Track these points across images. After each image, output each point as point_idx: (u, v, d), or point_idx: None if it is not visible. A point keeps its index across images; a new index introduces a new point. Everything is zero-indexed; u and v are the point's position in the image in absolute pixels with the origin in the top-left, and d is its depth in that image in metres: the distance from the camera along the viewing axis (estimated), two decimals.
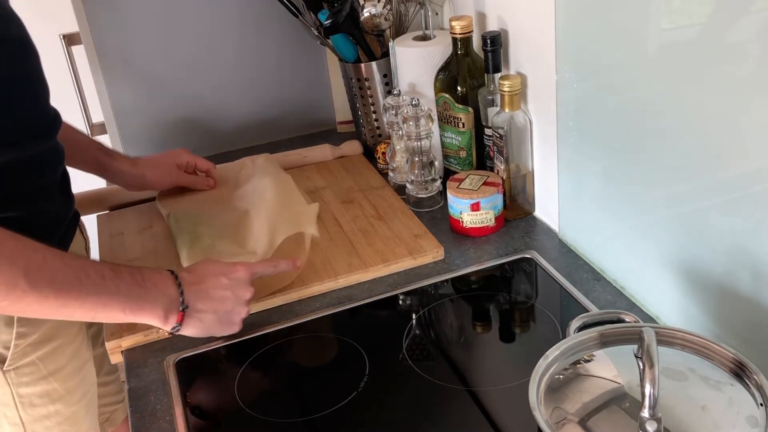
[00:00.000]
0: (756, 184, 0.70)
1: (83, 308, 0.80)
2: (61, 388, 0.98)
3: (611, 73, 0.88)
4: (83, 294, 0.80)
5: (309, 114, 1.58)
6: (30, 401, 0.96)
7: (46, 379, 0.96)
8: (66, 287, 0.78)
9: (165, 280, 0.87)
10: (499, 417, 0.80)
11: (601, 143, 0.93)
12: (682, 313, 0.85)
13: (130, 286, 0.83)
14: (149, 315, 0.85)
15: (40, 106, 0.93)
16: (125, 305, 0.83)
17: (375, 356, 0.90)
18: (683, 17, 0.75)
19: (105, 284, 0.81)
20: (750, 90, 0.68)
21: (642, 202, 0.89)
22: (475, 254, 1.08)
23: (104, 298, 0.81)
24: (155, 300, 0.85)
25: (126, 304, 0.83)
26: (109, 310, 0.82)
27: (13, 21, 0.88)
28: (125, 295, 0.83)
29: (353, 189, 1.28)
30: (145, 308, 0.84)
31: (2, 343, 0.91)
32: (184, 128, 1.51)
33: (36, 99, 0.92)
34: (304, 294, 1.02)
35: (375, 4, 1.24)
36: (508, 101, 1.05)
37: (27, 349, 0.93)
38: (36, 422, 0.98)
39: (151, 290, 0.85)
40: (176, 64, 1.45)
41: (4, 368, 0.93)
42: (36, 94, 0.92)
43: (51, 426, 0.99)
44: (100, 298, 0.81)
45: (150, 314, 0.85)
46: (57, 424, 1.00)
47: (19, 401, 0.95)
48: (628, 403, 0.63)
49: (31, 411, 0.97)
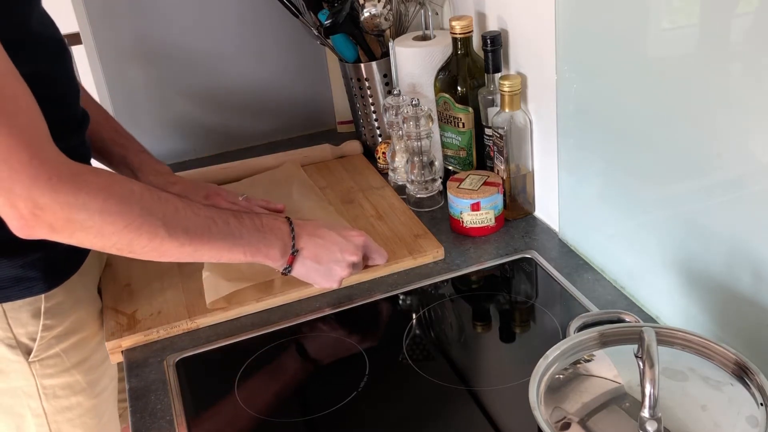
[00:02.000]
0: (756, 184, 0.70)
1: (211, 252, 0.88)
2: (83, 381, 1.00)
3: (611, 73, 0.88)
4: (212, 240, 0.87)
5: (309, 114, 1.58)
6: (53, 392, 0.98)
7: (69, 371, 0.98)
8: (198, 233, 0.85)
9: (281, 226, 0.94)
10: (499, 417, 0.80)
11: (601, 143, 0.93)
12: (682, 313, 0.85)
13: (251, 231, 0.91)
14: (265, 257, 0.92)
15: (71, 105, 0.94)
16: (246, 248, 0.90)
17: (375, 356, 0.90)
18: (683, 17, 0.75)
19: (230, 230, 0.89)
20: (750, 89, 0.68)
21: (642, 201, 0.89)
22: (475, 254, 1.08)
23: (229, 242, 0.88)
24: (271, 244, 0.92)
25: (247, 248, 0.90)
26: (232, 253, 0.89)
27: (51, 23, 0.92)
28: (247, 240, 0.90)
29: (353, 189, 1.28)
30: (262, 251, 0.91)
31: (28, 334, 0.93)
32: (185, 128, 1.51)
33: (66, 98, 0.93)
34: (304, 294, 1.02)
35: (375, 4, 1.24)
36: (508, 101, 1.05)
37: (52, 341, 0.95)
38: (58, 414, 0.99)
39: (268, 235, 0.92)
40: (176, 64, 1.45)
41: (30, 359, 0.94)
42: (66, 94, 0.93)
43: (72, 418, 1.01)
44: (226, 243, 0.88)
45: (266, 256, 0.92)
46: (78, 416, 1.01)
47: (43, 392, 0.97)
48: (628, 403, 0.63)
49: (54, 402, 0.98)
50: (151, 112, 1.48)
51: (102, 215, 0.77)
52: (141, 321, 0.99)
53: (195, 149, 1.52)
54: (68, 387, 0.99)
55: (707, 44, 0.72)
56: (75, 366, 0.98)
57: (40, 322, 0.93)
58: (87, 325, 0.99)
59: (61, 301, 0.95)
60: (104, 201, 0.77)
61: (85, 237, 0.78)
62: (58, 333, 0.95)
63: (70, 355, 0.97)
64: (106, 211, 0.78)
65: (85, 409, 1.01)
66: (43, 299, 0.93)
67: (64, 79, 0.92)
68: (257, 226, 0.92)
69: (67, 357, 0.97)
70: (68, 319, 0.96)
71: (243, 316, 1.00)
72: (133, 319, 0.99)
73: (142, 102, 1.47)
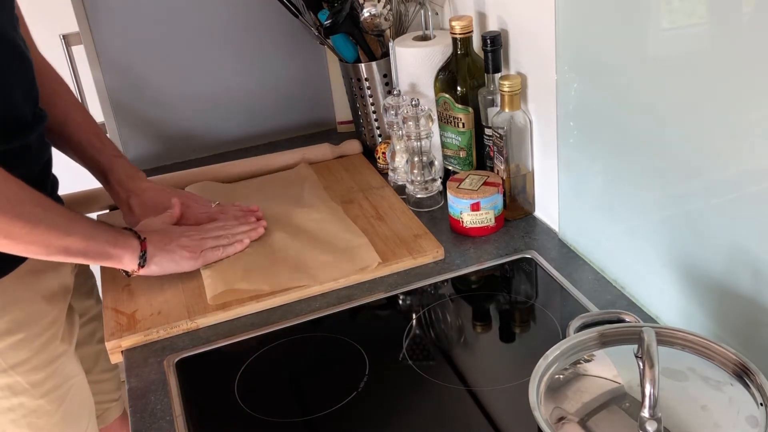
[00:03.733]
0: (756, 184, 0.70)
1: (47, 233, 0.89)
2: (24, 381, 0.99)
3: (611, 73, 0.88)
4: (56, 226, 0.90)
5: (309, 114, 1.58)
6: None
7: (6, 372, 0.97)
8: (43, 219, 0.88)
9: (131, 242, 0.99)
10: (499, 417, 0.80)
11: (601, 143, 0.93)
12: (682, 313, 0.85)
13: (104, 233, 0.96)
14: (110, 258, 0.98)
15: (18, 107, 0.94)
16: (90, 242, 0.94)
17: (375, 356, 0.90)
18: (683, 17, 0.75)
19: (83, 227, 0.94)
20: (750, 89, 0.68)
21: (642, 201, 0.89)
22: (475, 254, 1.08)
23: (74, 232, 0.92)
24: (120, 246, 0.99)
25: (90, 242, 0.94)
26: (69, 238, 0.92)
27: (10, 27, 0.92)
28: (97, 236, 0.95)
29: (353, 189, 1.28)
30: (108, 251, 0.97)
31: None
32: (184, 128, 1.51)
33: (11, 100, 0.93)
34: (304, 294, 1.02)
35: (375, 4, 1.24)
36: (508, 101, 1.05)
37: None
38: (1, 415, 0.99)
39: (120, 239, 0.98)
40: (176, 64, 1.45)
41: None
42: (10, 96, 0.93)
43: (16, 418, 1.00)
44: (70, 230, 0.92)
45: (110, 257, 0.98)
46: (22, 416, 1.01)
47: None
48: (628, 403, 0.63)
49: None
50: (151, 112, 1.48)
51: None
52: (141, 321, 0.99)
53: (195, 149, 1.52)
54: (7, 388, 0.98)
55: (707, 44, 0.72)
56: (13, 367, 0.98)
57: None
58: (27, 326, 0.99)
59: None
60: None
61: None
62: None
63: (7, 356, 0.97)
64: None
65: (28, 409, 1.01)
66: None
67: (9, 82, 0.93)
68: (112, 235, 0.96)
69: (3, 358, 0.97)
70: (2, 319, 0.95)
71: (243, 316, 1.00)
72: (133, 319, 0.99)
73: (141, 102, 1.47)
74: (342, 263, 1.05)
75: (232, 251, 1.07)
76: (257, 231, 1.11)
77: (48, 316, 1.02)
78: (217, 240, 1.07)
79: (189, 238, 1.05)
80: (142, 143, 1.49)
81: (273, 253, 1.08)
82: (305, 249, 1.09)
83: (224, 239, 1.08)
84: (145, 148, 1.48)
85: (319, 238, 1.11)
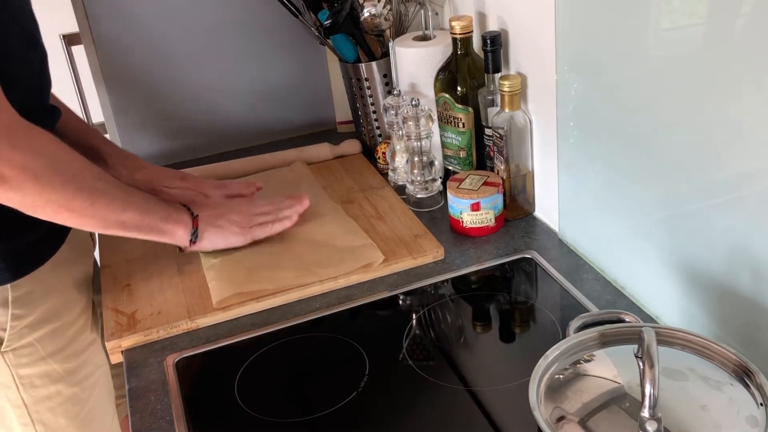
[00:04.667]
0: (756, 184, 0.70)
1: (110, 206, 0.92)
2: (60, 369, 1.00)
3: (611, 73, 0.88)
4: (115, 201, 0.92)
5: (309, 114, 1.58)
6: (30, 382, 0.98)
7: (45, 360, 0.98)
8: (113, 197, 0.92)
9: (184, 216, 1.02)
10: (499, 417, 0.80)
11: (601, 143, 0.93)
12: (682, 313, 0.85)
13: (157, 208, 0.99)
14: (162, 232, 1.00)
15: (41, 96, 0.96)
16: (145, 216, 0.96)
17: (375, 356, 0.90)
18: (683, 17, 0.75)
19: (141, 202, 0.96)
20: (750, 89, 0.68)
21: (642, 201, 0.89)
22: (475, 254, 1.08)
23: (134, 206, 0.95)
24: (175, 221, 1.01)
25: (146, 216, 0.96)
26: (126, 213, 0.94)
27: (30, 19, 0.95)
28: (152, 211, 0.98)
29: (353, 189, 1.28)
30: (160, 226, 0.99)
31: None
32: (184, 128, 1.51)
33: (34, 87, 0.95)
34: (304, 294, 1.02)
35: (375, 4, 1.24)
36: (508, 101, 1.05)
37: (23, 331, 0.96)
38: (38, 403, 1.00)
39: (173, 213, 1.01)
40: (176, 64, 1.45)
41: (2, 350, 0.95)
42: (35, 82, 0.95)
43: (53, 406, 1.01)
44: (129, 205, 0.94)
45: (163, 232, 1.00)
46: (59, 404, 1.01)
47: (20, 382, 0.98)
48: (628, 403, 0.63)
49: (32, 392, 0.99)
50: (151, 112, 1.48)
51: (54, 163, 0.83)
52: (141, 321, 0.99)
53: (195, 149, 1.52)
54: (45, 376, 0.99)
55: (707, 44, 0.72)
56: (51, 355, 0.99)
57: (9, 312, 0.94)
58: (61, 314, 1.00)
59: (30, 291, 0.95)
60: (55, 150, 0.84)
61: (32, 188, 0.82)
62: (29, 323, 0.96)
63: (45, 345, 0.98)
64: (58, 158, 0.84)
65: (65, 397, 1.02)
66: (9, 289, 0.93)
67: (35, 69, 0.95)
68: (166, 211, 0.99)
69: (42, 346, 0.98)
70: (39, 308, 0.97)
71: (243, 316, 1.00)
72: (133, 319, 0.99)
73: (141, 102, 1.47)
74: (345, 261, 1.05)
75: (280, 228, 1.09)
76: (303, 204, 1.12)
77: (79, 305, 1.04)
78: (265, 216, 1.08)
79: (239, 213, 1.07)
80: (142, 143, 1.48)
81: (276, 254, 1.08)
82: (308, 249, 1.09)
83: (271, 215, 1.09)
84: (145, 148, 1.48)
85: (322, 238, 1.11)
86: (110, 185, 0.92)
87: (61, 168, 0.85)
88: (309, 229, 1.14)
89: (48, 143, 0.85)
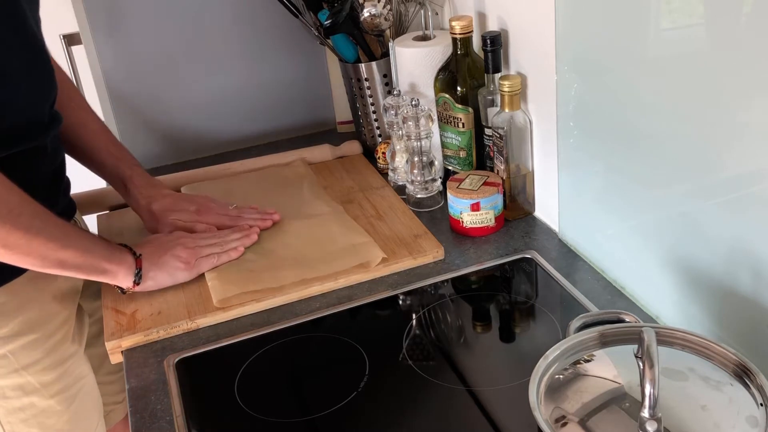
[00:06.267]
0: (756, 184, 0.70)
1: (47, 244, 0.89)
2: (35, 382, 0.99)
3: (611, 73, 0.88)
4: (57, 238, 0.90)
5: (309, 114, 1.58)
6: (2, 393, 0.98)
7: (18, 372, 0.98)
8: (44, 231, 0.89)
9: (127, 257, 1.00)
10: (499, 417, 0.80)
11: (601, 143, 0.93)
12: (682, 313, 0.85)
13: (100, 248, 0.97)
14: (104, 273, 0.97)
15: (36, 107, 0.94)
16: (86, 255, 0.94)
17: (375, 356, 0.90)
18: (683, 17, 0.75)
19: (81, 242, 0.94)
20: (750, 89, 0.68)
21: (642, 201, 0.89)
22: (475, 254, 1.08)
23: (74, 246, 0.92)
24: (116, 262, 0.98)
25: (87, 255, 0.94)
26: (65, 251, 0.92)
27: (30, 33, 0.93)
28: (93, 250, 0.95)
29: (353, 189, 1.28)
30: (103, 265, 0.97)
31: None
32: (184, 128, 1.51)
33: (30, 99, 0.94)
34: (304, 294, 1.02)
35: (375, 4, 1.24)
36: (508, 101, 1.05)
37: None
38: (10, 414, 0.99)
39: (115, 254, 0.99)
40: (176, 64, 1.45)
41: None
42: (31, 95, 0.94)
43: (26, 418, 1.00)
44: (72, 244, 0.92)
45: (105, 272, 0.97)
46: (33, 416, 1.01)
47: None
48: (628, 403, 0.63)
49: (4, 403, 0.98)
50: (151, 112, 1.48)
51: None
52: (141, 321, 0.99)
53: (195, 149, 1.52)
54: (19, 388, 0.98)
55: (707, 44, 0.72)
56: (25, 367, 0.98)
57: None
58: (39, 327, 0.99)
59: (3, 302, 0.95)
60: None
61: None
62: (3, 334, 0.95)
63: (19, 357, 0.97)
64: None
65: (39, 409, 1.01)
66: None
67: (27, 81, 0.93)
68: (108, 251, 0.97)
69: (16, 358, 0.97)
70: (14, 320, 0.96)
71: (243, 316, 1.00)
72: (133, 319, 0.99)
73: (142, 102, 1.47)
74: (346, 257, 1.05)
75: (226, 259, 1.06)
76: (250, 237, 1.10)
77: (59, 317, 1.02)
78: (212, 248, 1.06)
79: (183, 247, 1.04)
80: (142, 143, 1.48)
81: (277, 253, 1.08)
82: (309, 248, 1.09)
83: (218, 247, 1.07)
84: (145, 148, 1.48)
85: (323, 237, 1.11)
86: (49, 224, 0.89)
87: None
88: (310, 227, 1.14)
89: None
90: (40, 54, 0.95)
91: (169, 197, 1.14)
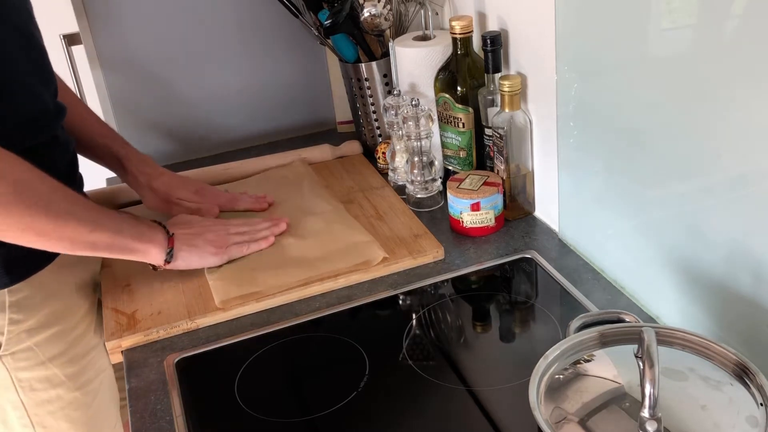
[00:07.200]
0: (756, 184, 0.70)
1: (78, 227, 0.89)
2: (61, 374, 1.00)
3: (611, 73, 0.88)
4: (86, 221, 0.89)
5: (309, 114, 1.58)
6: (30, 385, 0.98)
7: (44, 365, 0.98)
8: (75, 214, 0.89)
9: (158, 235, 1.00)
10: (499, 417, 0.80)
11: (601, 143, 0.93)
12: (682, 313, 0.85)
13: (130, 227, 0.97)
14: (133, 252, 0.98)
15: (43, 99, 0.95)
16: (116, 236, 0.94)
17: (375, 356, 0.90)
18: (683, 17, 0.75)
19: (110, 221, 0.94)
20: (750, 89, 0.68)
21: (642, 201, 0.89)
22: (475, 254, 1.08)
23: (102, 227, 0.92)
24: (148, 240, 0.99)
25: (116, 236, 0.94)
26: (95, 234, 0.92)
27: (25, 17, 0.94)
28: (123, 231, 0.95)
29: (353, 189, 1.28)
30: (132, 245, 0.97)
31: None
32: (185, 128, 1.51)
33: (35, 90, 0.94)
34: (304, 294, 1.02)
35: (375, 4, 1.24)
36: (508, 101, 1.05)
37: (22, 336, 0.95)
38: (38, 406, 0.99)
39: (146, 232, 0.99)
40: (176, 64, 1.45)
41: (0, 353, 0.94)
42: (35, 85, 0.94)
43: (54, 410, 1.01)
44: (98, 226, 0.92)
45: (133, 251, 0.98)
46: (60, 408, 1.01)
47: (19, 385, 0.97)
48: (628, 403, 0.63)
49: (32, 395, 0.98)
50: (151, 113, 1.48)
51: (17, 186, 0.82)
52: (141, 321, 0.99)
53: (195, 149, 1.52)
54: (45, 380, 0.99)
55: (707, 44, 0.72)
56: (51, 359, 0.99)
57: (6, 316, 0.93)
58: (63, 319, 0.99)
59: (29, 296, 0.95)
60: (20, 172, 0.82)
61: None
62: (28, 327, 0.95)
63: (44, 349, 0.98)
64: (22, 181, 0.82)
65: (66, 401, 1.01)
66: (6, 294, 0.93)
67: (35, 74, 0.94)
68: (139, 230, 0.97)
69: (41, 350, 0.97)
70: (39, 313, 0.96)
71: (243, 316, 1.00)
72: (133, 319, 0.99)
73: (141, 102, 1.47)
74: (348, 256, 1.05)
75: (256, 248, 1.08)
76: (279, 227, 1.12)
77: (81, 309, 1.03)
78: (242, 236, 1.08)
79: (215, 233, 1.06)
80: (142, 143, 1.48)
81: (280, 254, 1.08)
82: (311, 247, 1.09)
83: (248, 235, 1.08)
84: (145, 149, 1.46)
85: (325, 236, 1.11)
86: (79, 207, 0.90)
87: (24, 191, 0.83)
88: (311, 227, 1.14)
89: (12, 166, 0.82)
90: (31, 39, 0.95)
91: (166, 175, 1.16)
